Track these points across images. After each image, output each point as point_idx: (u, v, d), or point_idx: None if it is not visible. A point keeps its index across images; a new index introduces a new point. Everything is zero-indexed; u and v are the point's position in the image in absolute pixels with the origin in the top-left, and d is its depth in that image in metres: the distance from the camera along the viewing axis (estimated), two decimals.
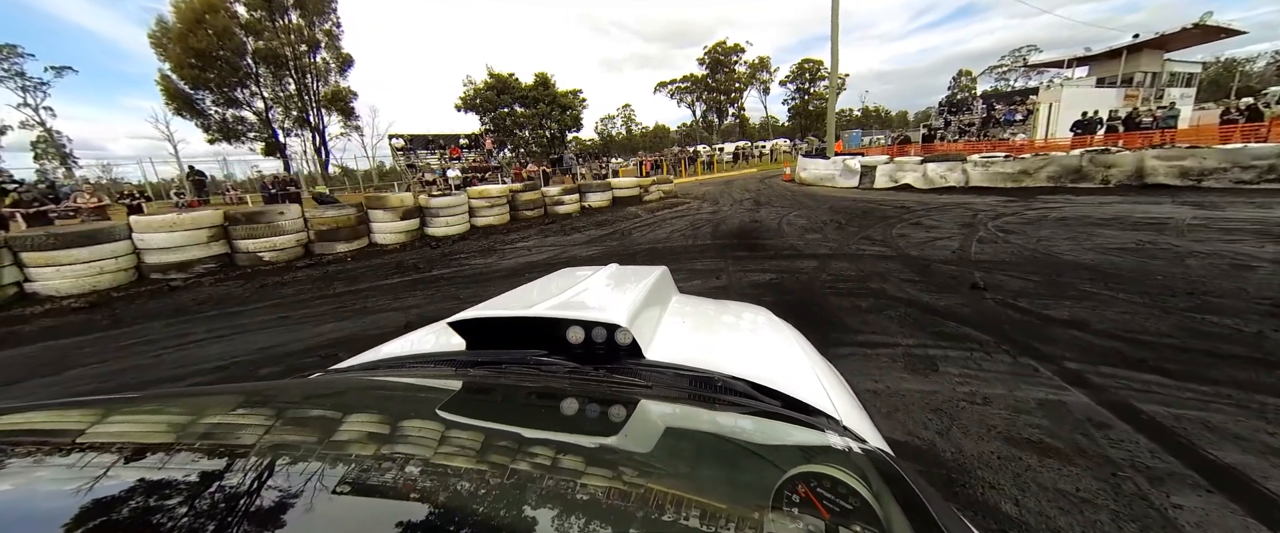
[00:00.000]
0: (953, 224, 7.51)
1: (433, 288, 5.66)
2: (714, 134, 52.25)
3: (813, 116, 54.33)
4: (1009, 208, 8.73)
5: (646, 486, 0.49)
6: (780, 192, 14.53)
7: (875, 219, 8.46)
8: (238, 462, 0.46)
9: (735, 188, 16.84)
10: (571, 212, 12.03)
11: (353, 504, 0.41)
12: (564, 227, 10.37)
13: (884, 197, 11.85)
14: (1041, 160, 11.04)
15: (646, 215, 11.26)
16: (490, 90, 28.39)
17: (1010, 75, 50.11)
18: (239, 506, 0.39)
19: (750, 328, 1.34)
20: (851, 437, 0.71)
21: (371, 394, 0.81)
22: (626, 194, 13.24)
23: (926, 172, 12.73)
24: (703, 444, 0.66)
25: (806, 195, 13.14)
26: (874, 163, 14.04)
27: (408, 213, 9.14)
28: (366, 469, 0.47)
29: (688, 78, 51.26)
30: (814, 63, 53.82)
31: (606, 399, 0.77)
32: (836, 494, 0.49)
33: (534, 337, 1.00)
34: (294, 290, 5.95)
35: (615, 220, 10.84)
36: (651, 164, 25.22)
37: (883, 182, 13.68)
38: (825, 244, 6.62)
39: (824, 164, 15.73)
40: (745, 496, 0.51)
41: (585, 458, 0.55)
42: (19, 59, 26.82)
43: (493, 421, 0.68)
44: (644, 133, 58.76)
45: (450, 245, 8.82)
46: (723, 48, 49.16)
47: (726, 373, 0.89)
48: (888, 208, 9.79)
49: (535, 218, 11.49)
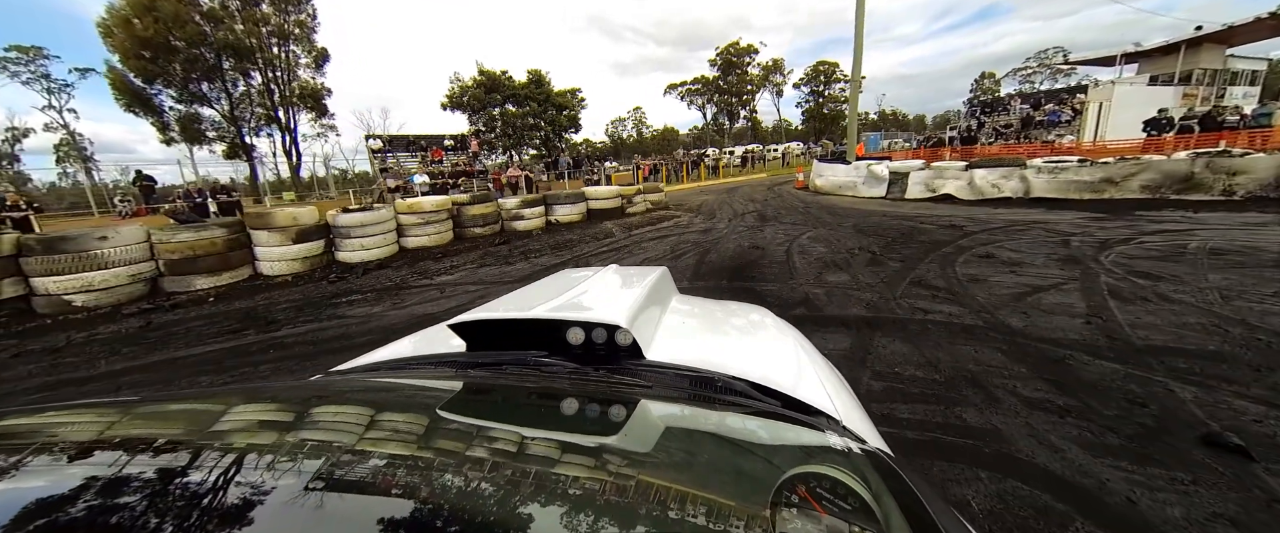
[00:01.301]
0: (1041, 256, 5.15)
1: (245, 364, 3.51)
2: (725, 137, 51.15)
3: (827, 119, 53.64)
4: (1109, 230, 6.31)
5: (647, 486, 0.48)
6: (791, 203, 12.20)
7: (922, 246, 6.12)
8: (238, 463, 0.46)
9: (739, 197, 14.53)
10: (533, 228, 9.87)
11: (354, 505, 0.41)
12: (516, 249, 8.21)
13: (921, 210, 9.46)
14: (1132, 165, 8.56)
15: (622, 235, 9.06)
16: (480, 88, 26.50)
17: (1034, 77, 48.40)
18: (240, 506, 0.39)
19: (750, 328, 1.35)
20: (851, 437, 0.71)
21: (372, 395, 0.79)
22: (604, 206, 11.03)
23: (973, 179, 10.30)
24: (703, 444, 0.66)
25: (823, 208, 10.79)
26: (905, 168, 11.64)
27: (304, 234, 7.06)
28: (367, 470, 0.47)
29: (699, 80, 50.45)
30: (829, 65, 53.25)
31: (607, 399, 0.77)
32: (836, 495, 0.50)
33: (534, 338, 0.99)
34: (29, 367, 3.84)
35: (581, 241, 8.65)
36: (650, 169, 23.01)
37: (916, 191, 11.27)
38: (858, 294, 4.32)
39: (844, 170, 13.36)
40: (745, 495, 0.51)
41: (586, 458, 0.55)
42: (44, 61, 25.78)
43: (493, 421, 0.67)
44: (654, 136, 58.40)
45: (358, 277, 6.72)
46: (736, 49, 48.04)
47: (727, 373, 0.88)
48: (933, 227, 7.41)
49: (486, 237, 9.36)
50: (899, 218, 8.66)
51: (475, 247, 8.64)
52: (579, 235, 9.23)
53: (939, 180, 10.93)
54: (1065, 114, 21.01)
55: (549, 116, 28.76)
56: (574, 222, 10.50)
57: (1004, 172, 10.00)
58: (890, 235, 7.02)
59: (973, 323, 3.49)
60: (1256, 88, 26.02)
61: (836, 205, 11.07)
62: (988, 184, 10.13)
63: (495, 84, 26.82)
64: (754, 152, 33.80)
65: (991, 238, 6.39)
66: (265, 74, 20.89)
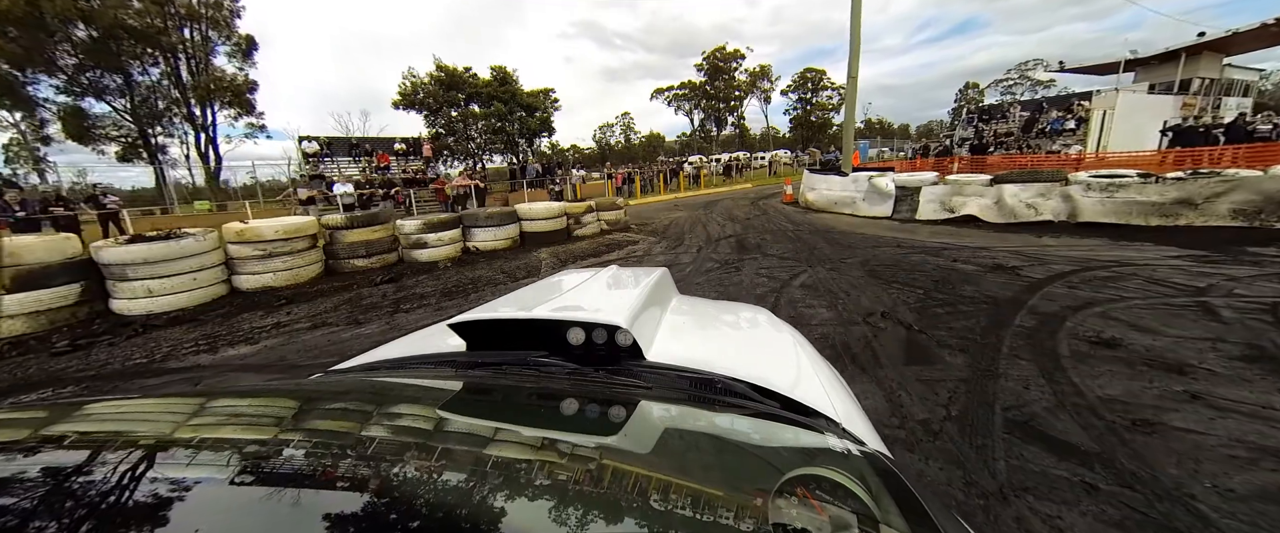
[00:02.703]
0: (1199, 338, 2.98)
1: None
2: (713, 144, 49.99)
3: (815, 127, 53.21)
4: (1247, 279, 4.20)
5: (647, 486, 0.48)
6: (779, 223, 10.04)
7: (977, 308, 3.93)
8: (236, 460, 0.46)
9: (718, 214, 12.35)
10: (442, 259, 7.50)
11: (351, 503, 0.41)
12: (395, 295, 5.83)
13: (943, 238, 7.35)
14: (1217, 183, 6.57)
15: (552, 272, 6.75)
16: (438, 85, 23.93)
17: (1015, 88, 48.56)
18: (237, 504, 0.39)
19: (750, 329, 1.34)
20: (850, 439, 0.70)
21: (371, 394, 0.79)
22: (542, 229, 8.70)
23: (1002, 198, 8.26)
24: (702, 446, 0.65)
25: (818, 231, 8.64)
26: (915, 182, 9.58)
27: (34, 277, 4.60)
28: (365, 469, 0.46)
29: (686, 84, 49.38)
30: (816, 72, 53.62)
31: (606, 400, 0.76)
32: (835, 496, 0.50)
33: (534, 338, 0.98)
34: None
35: (491, 281, 6.32)
36: (624, 178, 20.79)
37: (930, 210, 9.21)
38: (910, 460, 2.06)
39: (840, 183, 11.28)
40: (745, 497, 0.51)
41: (585, 458, 0.55)
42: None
43: (492, 421, 0.67)
44: (641, 142, 57.43)
45: (126, 342, 4.31)
46: (722, 53, 47.15)
47: (726, 375, 0.87)
48: (974, 269, 5.26)
49: (373, 270, 6.98)
50: (920, 250, 6.51)
51: (348, 286, 6.24)
52: (495, 271, 6.90)
53: (958, 198, 8.88)
54: (1071, 122, 19.43)
55: (517, 119, 26.33)
56: (500, 250, 8.14)
57: (1041, 188, 7.98)
58: (919, 283, 4.83)
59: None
60: (1249, 99, 25.44)
61: (834, 228, 8.93)
62: (1021, 204, 8.10)
63: (456, 81, 24.28)
64: (739, 159, 31.82)
65: (1074, 293, 4.23)
66: (169, 62, 18.03)
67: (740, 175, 27.18)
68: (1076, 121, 19.48)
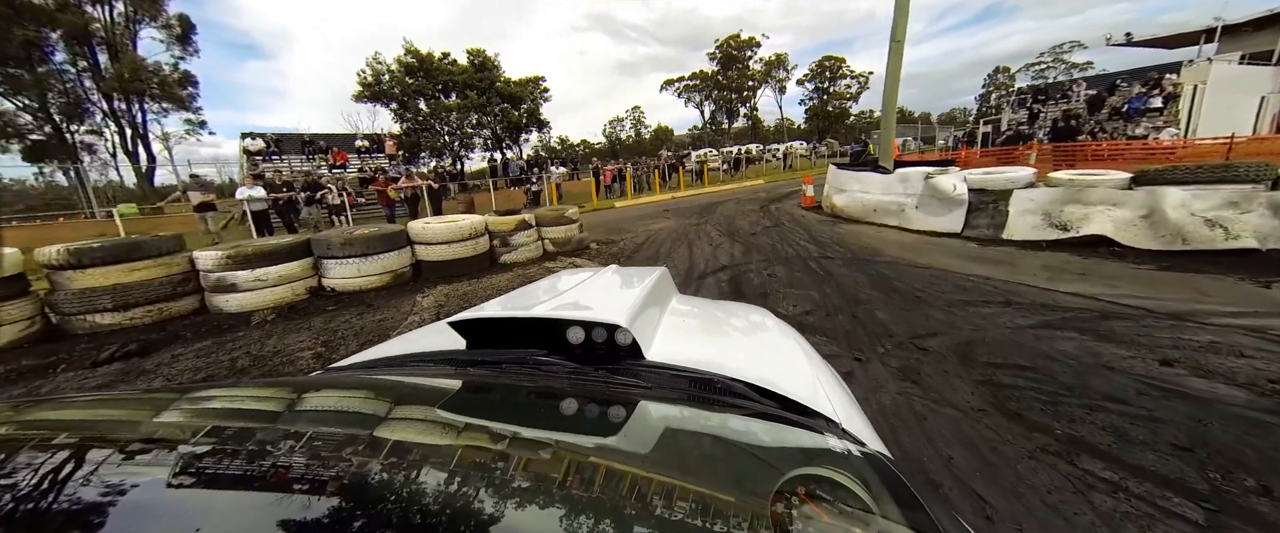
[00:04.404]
0: None
1: None
2: (726, 137, 47.52)
3: (832, 118, 50.26)
4: None
5: (646, 487, 0.48)
6: (796, 241, 7.08)
7: None
8: (234, 458, 0.45)
9: (715, 224, 9.42)
10: (268, 307, 4.77)
11: (351, 501, 0.40)
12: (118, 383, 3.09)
13: (1080, 284, 4.35)
14: None
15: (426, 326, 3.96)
16: (405, 72, 21.18)
17: (1048, 72, 45.48)
18: (235, 501, 0.39)
19: (751, 329, 1.33)
20: (850, 439, 0.70)
21: (370, 392, 0.78)
22: (447, 256, 5.88)
23: (1160, 209, 5.18)
24: (702, 446, 0.65)
25: (856, 262, 5.66)
26: (1000, 183, 6.50)
27: None
28: (365, 467, 0.46)
29: (697, 75, 47.21)
30: (835, 60, 50.79)
31: (606, 399, 0.77)
32: (835, 496, 0.49)
33: (534, 337, 0.98)
34: None
35: (329, 344, 3.55)
36: (613, 175, 17.89)
37: (1028, 226, 6.13)
38: None
39: (878, 183, 8.22)
40: (744, 497, 0.50)
41: (584, 458, 0.55)
42: None
43: (492, 420, 0.67)
44: (652, 136, 55.58)
45: None
46: (736, 41, 44.83)
47: (726, 374, 0.87)
48: (1252, 411, 2.30)
49: (129, 329, 4.28)
50: (1059, 318, 3.53)
51: (38, 368, 3.55)
52: (335, 330, 4.12)
53: (1076, 208, 5.80)
54: (1156, 99, 15.81)
55: (499, 111, 23.53)
56: (373, 289, 5.37)
57: (1230, 194, 4.89)
58: (1150, 465, 1.89)
59: None
60: None
61: (879, 254, 5.94)
62: (1195, 220, 5.01)
63: (429, 69, 21.55)
64: (750, 152, 28.52)
65: None
66: (77, 49, 15.65)
67: (750, 169, 23.97)
68: (1164, 99, 15.88)
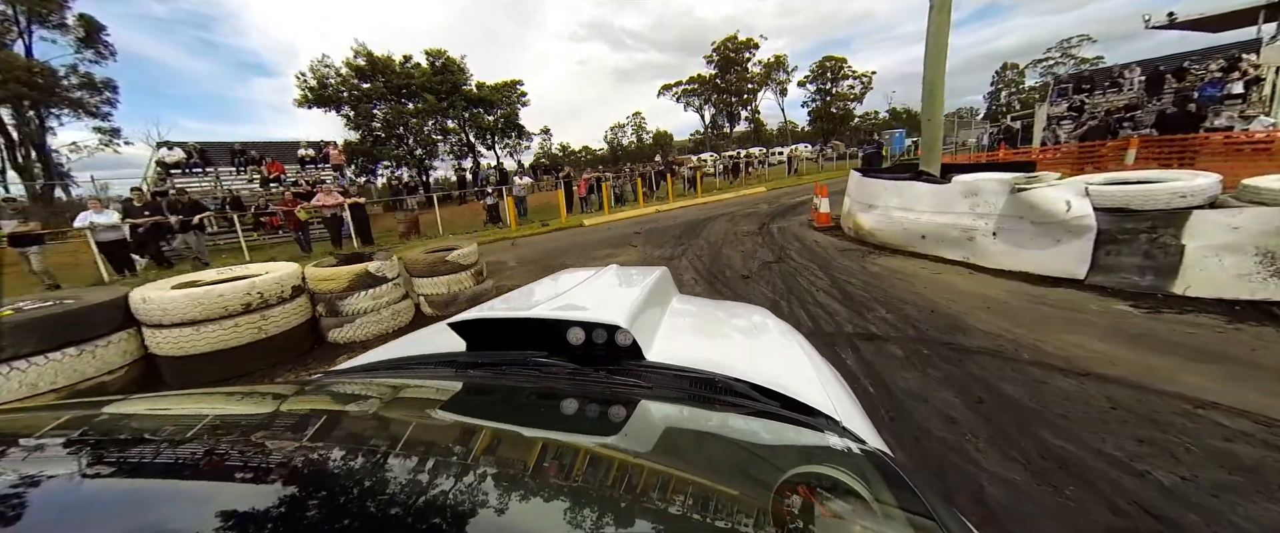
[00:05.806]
0: None
1: None
2: (728, 141, 46.32)
3: (835, 119, 48.28)
4: None
5: (647, 486, 0.48)
6: (815, 299, 4.53)
7: None
8: (236, 462, 0.46)
9: (691, 260, 6.87)
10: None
11: (352, 503, 0.41)
12: None
13: None
14: None
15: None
16: (358, 76, 18.89)
17: (1057, 68, 44.42)
18: (237, 506, 0.39)
19: (751, 329, 1.33)
20: (851, 438, 0.70)
21: (371, 396, 0.78)
22: (215, 343, 3.31)
23: None
24: (703, 445, 0.65)
25: (929, 340, 3.11)
26: (1165, 199, 3.91)
27: None
28: (365, 469, 0.46)
29: (695, 79, 46.09)
30: (836, 60, 47.91)
31: (606, 400, 0.77)
32: (836, 494, 0.49)
33: (534, 338, 0.98)
34: None
35: None
36: (588, 185, 15.42)
37: (1227, 272, 3.54)
38: None
39: (928, 197, 5.65)
40: (745, 496, 0.50)
41: (585, 459, 0.54)
42: None
43: (492, 421, 0.67)
44: (653, 142, 54.92)
45: None
46: (733, 43, 43.45)
47: (727, 374, 0.86)
48: None
49: None
50: None
51: None
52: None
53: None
54: (1236, 84, 13.18)
55: (471, 117, 21.17)
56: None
57: None
58: None
59: None
60: None
61: (963, 327, 3.38)
62: None
63: (386, 72, 19.24)
64: (753, 155, 25.95)
65: None
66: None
67: (748, 175, 21.45)
68: (1244, 84, 13.24)
